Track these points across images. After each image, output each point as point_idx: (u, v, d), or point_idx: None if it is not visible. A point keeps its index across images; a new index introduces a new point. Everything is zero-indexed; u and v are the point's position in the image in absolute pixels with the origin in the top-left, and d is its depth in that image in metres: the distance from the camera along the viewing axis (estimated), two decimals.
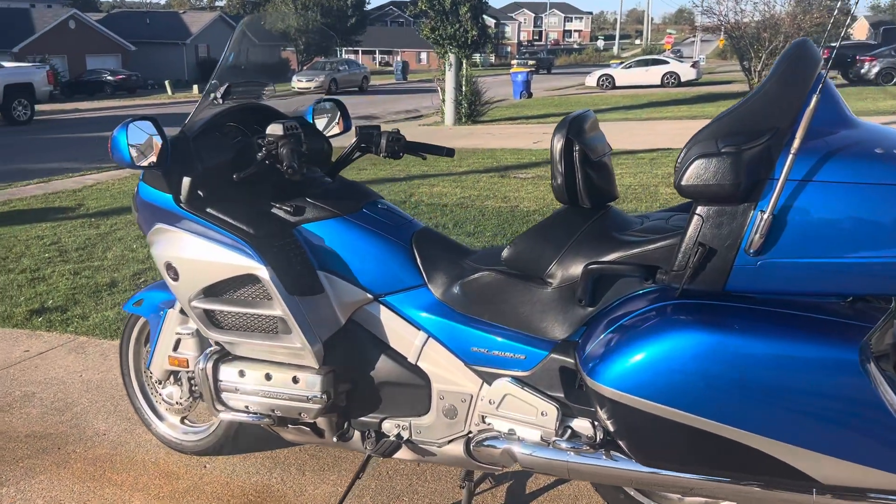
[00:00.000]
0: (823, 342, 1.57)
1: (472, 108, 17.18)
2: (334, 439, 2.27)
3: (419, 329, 2.15)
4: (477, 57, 63.84)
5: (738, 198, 1.61)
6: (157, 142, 2.08)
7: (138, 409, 2.85)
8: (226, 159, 2.21)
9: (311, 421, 2.26)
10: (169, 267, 2.22)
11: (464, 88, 17.08)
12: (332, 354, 2.20)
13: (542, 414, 1.97)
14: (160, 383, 2.70)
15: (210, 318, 2.23)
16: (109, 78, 34.10)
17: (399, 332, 2.18)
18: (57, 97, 23.10)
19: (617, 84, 28.15)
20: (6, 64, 19.05)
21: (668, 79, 27.92)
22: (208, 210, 2.14)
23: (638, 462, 1.81)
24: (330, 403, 2.18)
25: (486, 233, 5.88)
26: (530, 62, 44.39)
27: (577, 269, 1.91)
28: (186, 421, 2.80)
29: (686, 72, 28.11)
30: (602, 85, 28.87)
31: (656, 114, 17.15)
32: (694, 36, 32.86)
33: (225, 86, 2.32)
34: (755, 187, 1.61)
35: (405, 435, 2.20)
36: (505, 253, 2.03)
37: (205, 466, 2.69)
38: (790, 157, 1.55)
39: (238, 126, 2.38)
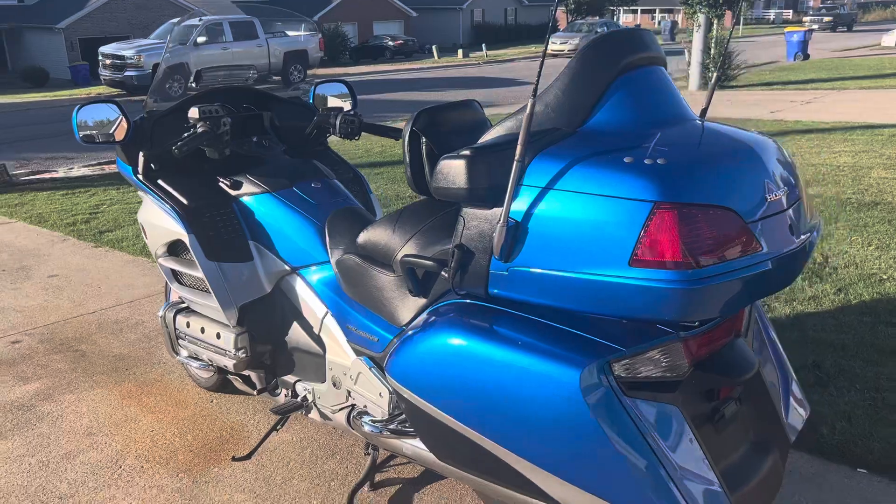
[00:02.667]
0: (551, 357, 1.47)
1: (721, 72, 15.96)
2: (255, 392, 2.53)
3: (322, 302, 2.31)
4: (771, 13, 58.29)
5: (487, 201, 1.55)
6: (122, 122, 2.44)
7: None
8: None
9: (242, 373, 2.54)
10: (142, 228, 2.62)
11: (712, 51, 15.94)
12: (252, 317, 2.44)
13: (379, 395, 2.05)
14: None
15: (173, 274, 2.59)
16: (390, 43, 36.77)
17: (309, 304, 2.35)
18: (327, 62, 25.44)
19: None
20: (290, 33, 21.56)
21: None
22: (158, 181, 2.48)
23: (431, 453, 1.83)
24: (247, 360, 2.44)
25: None
26: (825, 18, 39.68)
27: None
28: None
29: None
30: None
31: None
32: None
33: (195, 71, 2.62)
34: (505, 192, 1.53)
35: (310, 398, 2.38)
36: (359, 239, 2.10)
37: (211, 401, 3.10)
38: (514, 164, 1.46)
39: (226, 106, 2.68)
